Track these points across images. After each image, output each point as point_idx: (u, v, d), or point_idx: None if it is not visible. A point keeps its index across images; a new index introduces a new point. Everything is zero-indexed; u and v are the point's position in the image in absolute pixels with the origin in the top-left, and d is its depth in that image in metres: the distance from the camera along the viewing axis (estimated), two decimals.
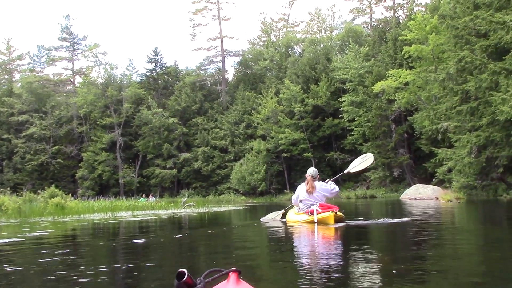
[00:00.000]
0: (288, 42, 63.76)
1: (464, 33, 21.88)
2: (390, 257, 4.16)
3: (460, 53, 20.56)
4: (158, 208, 19.01)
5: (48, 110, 64.83)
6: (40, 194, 16.27)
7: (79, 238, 7.10)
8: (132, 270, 3.67)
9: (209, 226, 9.52)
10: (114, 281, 3.40)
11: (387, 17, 58.07)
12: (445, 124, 23.41)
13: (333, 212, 7.60)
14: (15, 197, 15.74)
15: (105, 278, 3.40)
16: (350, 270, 3.52)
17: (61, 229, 9.05)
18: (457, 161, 22.00)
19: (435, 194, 27.71)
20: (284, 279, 3.31)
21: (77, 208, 15.55)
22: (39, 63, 74.83)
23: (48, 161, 61.59)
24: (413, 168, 42.55)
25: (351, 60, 46.79)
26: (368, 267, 3.53)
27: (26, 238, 6.77)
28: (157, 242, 5.95)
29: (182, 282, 1.90)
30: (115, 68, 66.01)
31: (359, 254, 4.32)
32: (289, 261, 4.14)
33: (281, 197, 47.28)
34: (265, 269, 3.85)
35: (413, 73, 33.36)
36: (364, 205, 19.54)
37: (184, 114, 62.44)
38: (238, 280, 2.01)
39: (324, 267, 3.64)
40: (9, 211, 13.54)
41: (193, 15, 68.18)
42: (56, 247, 5.57)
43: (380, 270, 3.46)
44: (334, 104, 48.58)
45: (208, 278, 1.99)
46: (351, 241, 5.72)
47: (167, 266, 3.91)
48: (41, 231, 8.16)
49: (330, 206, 7.97)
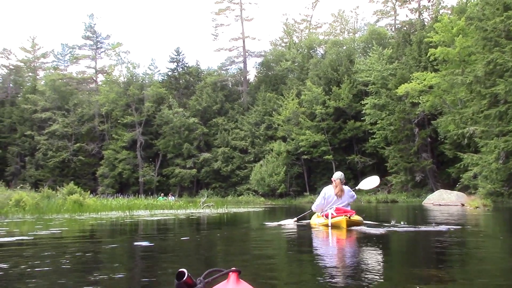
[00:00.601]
0: (311, 44, 63.25)
1: (493, 35, 21.27)
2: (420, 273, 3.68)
3: (489, 56, 19.94)
4: (176, 208, 18.80)
5: (70, 107, 65.47)
6: (59, 191, 16.18)
7: (83, 240, 6.66)
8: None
9: (226, 227, 9.20)
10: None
11: (411, 19, 57.25)
12: (472, 129, 22.78)
13: (347, 216, 7.60)
14: (33, 193, 15.68)
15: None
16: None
17: (74, 227, 8.83)
18: (483, 167, 21.36)
19: (460, 200, 27.04)
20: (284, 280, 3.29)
21: (95, 205, 15.40)
22: (63, 61, 75.92)
23: (69, 158, 62.12)
24: (436, 173, 41.77)
25: (374, 62, 46.11)
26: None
27: (36, 236, 6.51)
28: (159, 245, 5.57)
29: (182, 282, 1.90)
30: (137, 67, 66.45)
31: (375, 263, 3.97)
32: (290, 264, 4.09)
33: (301, 200, 46.81)
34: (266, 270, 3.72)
35: (438, 76, 32.60)
36: (387, 209, 19.05)
37: (205, 114, 62.40)
38: (238, 280, 2.01)
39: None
40: (27, 207, 13.43)
41: (216, 15, 68.37)
42: (54, 248, 5.22)
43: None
44: (356, 106, 48.01)
45: (208, 278, 1.99)
46: (367, 249, 5.31)
47: (136, 278, 3.51)
48: (54, 229, 7.94)
49: (346, 211, 7.94)
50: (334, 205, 8.18)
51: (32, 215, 12.38)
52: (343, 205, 8.18)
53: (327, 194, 8.41)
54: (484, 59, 20.26)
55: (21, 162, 65.18)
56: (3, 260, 4.15)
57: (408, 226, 8.11)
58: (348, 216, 7.62)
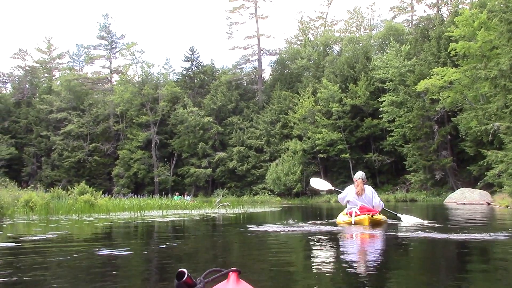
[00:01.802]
0: (326, 41, 62.43)
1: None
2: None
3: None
4: (190, 208, 18.29)
5: (85, 108, 65.48)
6: (70, 191, 15.75)
7: (71, 246, 5.93)
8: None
9: (242, 227, 8.58)
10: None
11: (429, 14, 56.17)
12: (496, 124, 21.87)
13: (369, 215, 7.93)
14: (42, 193, 15.25)
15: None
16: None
17: (75, 230, 8.29)
18: (509, 164, 20.45)
19: (483, 199, 26.19)
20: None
21: (107, 206, 14.93)
22: (78, 62, 76.16)
23: (85, 159, 62.08)
24: (456, 171, 40.89)
25: (392, 58, 45.18)
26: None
27: (25, 242, 5.96)
28: (123, 256, 4.77)
29: (182, 282, 1.88)
30: (152, 67, 66.25)
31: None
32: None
33: (317, 199, 46.23)
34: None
35: (459, 72, 31.62)
36: (411, 208, 18.32)
37: (220, 113, 61.99)
38: (238, 280, 2.00)
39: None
40: (36, 208, 12.99)
41: (230, 13, 67.85)
42: (30, 258, 4.62)
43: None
44: (373, 104, 47.16)
45: (208, 278, 1.98)
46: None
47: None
48: (53, 232, 7.39)
49: (370, 210, 8.32)
50: (357, 204, 8.52)
51: (40, 216, 11.94)
52: (363, 204, 8.54)
53: (348, 193, 8.88)
54: (509, 52, 19.40)
55: (37, 163, 65.39)
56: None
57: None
58: (371, 215, 7.96)
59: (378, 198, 8.92)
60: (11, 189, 17.16)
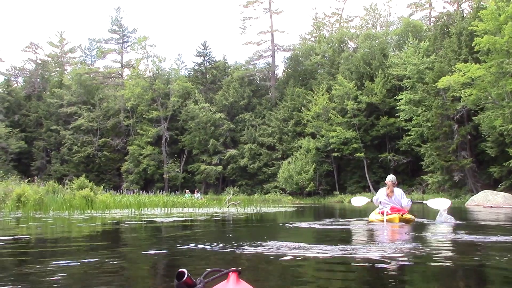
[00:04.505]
0: (342, 37, 61.02)
1: None
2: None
3: None
4: (198, 206, 17.13)
5: (96, 102, 64.87)
6: (68, 185, 14.64)
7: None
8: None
9: (253, 232, 7.40)
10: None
11: (449, 10, 54.62)
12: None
13: (399, 214, 8.81)
14: (37, 186, 14.12)
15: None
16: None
17: (48, 231, 7.08)
18: None
19: (507, 202, 24.84)
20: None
21: (107, 202, 13.80)
22: (90, 56, 75.84)
23: (94, 153, 61.46)
24: (475, 172, 39.29)
25: (410, 55, 43.72)
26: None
27: None
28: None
29: (182, 282, 1.87)
30: (163, 61, 65.41)
31: None
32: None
33: (330, 199, 45.10)
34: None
35: (483, 68, 30.11)
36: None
37: (232, 109, 60.93)
38: (238, 280, 1.99)
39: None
40: (29, 203, 11.89)
41: (244, 8, 66.79)
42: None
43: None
44: (389, 102, 45.76)
45: (208, 278, 1.98)
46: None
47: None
48: (22, 235, 6.18)
49: (400, 210, 9.11)
50: (388, 204, 9.31)
51: (27, 212, 10.80)
52: (393, 204, 9.26)
53: (380, 195, 9.65)
54: None
55: (47, 157, 64.95)
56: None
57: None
58: (401, 214, 8.83)
59: (406, 199, 9.52)
60: (10, 182, 16.13)
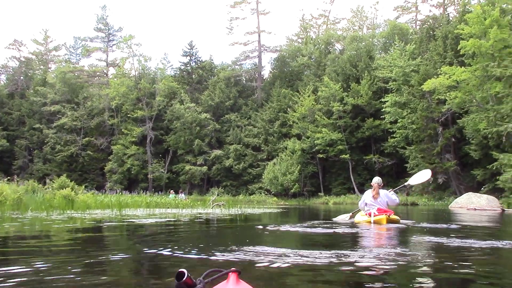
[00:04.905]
0: (328, 39, 61.16)
1: None
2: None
3: None
4: (182, 207, 16.88)
5: (80, 101, 64.13)
6: (48, 184, 14.31)
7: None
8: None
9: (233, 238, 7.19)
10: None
11: (435, 14, 55.03)
12: (511, 126, 20.50)
13: (386, 215, 8.89)
14: (16, 185, 13.76)
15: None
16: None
17: (10, 230, 6.78)
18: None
19: (490, 204, 24.95)
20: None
21: (88, 202, 13.49)
22: (75, 55, 74.99)
23: (77, 153, 60.67)
24: (459, 175, 39.51)
25: (396, 58, 43.97)
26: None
27: None
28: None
29: (182, 282, 1.87)
30: (149, 60, 64.79)
31: None
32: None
33: (315, 200, 44.99)
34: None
35: (468, 71, 30.30)
36: (420, 214, 17.00)
37: (217, 110, 60.62)
38: (238, 280, 1.99)
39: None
40: (7, 203, 11.55)
41: (231, 8, 66.62)
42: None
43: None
44: (375, 104, 45.91)
45: (208, 279, 1.97)
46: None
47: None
48: None
49: (386, 211, 9.24)
50: (373, 206, 9.42)
51: (7, 212, 10.47)
52: (380, 206, 9.37)
53: (366, 197, 9.80)
54: None
55: (29, 156, 64.01)
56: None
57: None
58: (388, 215, 8.92)
59: (392, 197, 9.70)
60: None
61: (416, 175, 11.79)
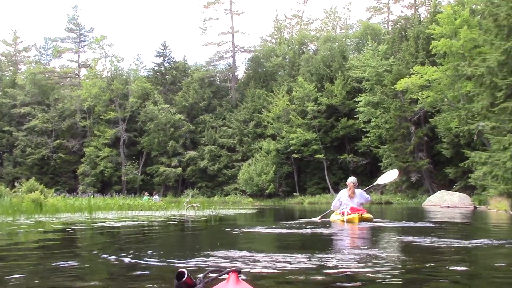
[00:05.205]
0: (302, 39, 61.38)
1: (506, 22, 19.36)
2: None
3: (506, 44, 17.99)
4: (156, 209, 16.63)
5: (51, 102, 62.81)
6: (17, 187, 13.89)
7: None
8: None
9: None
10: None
11: (407, 15, 55.77)
12: (481, 124, 20.81)
13: (359, 214, 9.02)
14: None
15: None
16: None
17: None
18: (494, 166, 19.38)
19: (462, 202, 25.33)
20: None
21: (58, 206, 13.13)
22: (45, 56, 73.45)
23: (49, 156, 59.40)
24: (432, 173, 40.06)
25: (369, 58, 44.44)
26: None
27: None
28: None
29: (182, 282, 1.87)
30: (122, 61, 63.96)
31: None
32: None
33: (290, 200, 45.08)
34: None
35: (440, 71, 30.74)
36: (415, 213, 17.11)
37: (192, 110, 60.21)
38: (238, 280, 1.98)
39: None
40: None
41: (204, 8, 66.19)
42: None
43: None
44: (349, 104, 46.27)
45: (208, 278, 1.97)
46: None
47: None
48: None
49: (359, 210, 9.37)
50: (348, 205, 9.51)
51: None
52: (355, 205, 9.51)
53: (342, 196, 9.92)
54: (501, 47, 18.34)
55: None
56: None
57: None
58: (360, 214, 9.05)
59: (365, 196, 9.99)
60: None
61: (384, 175, 12.01)
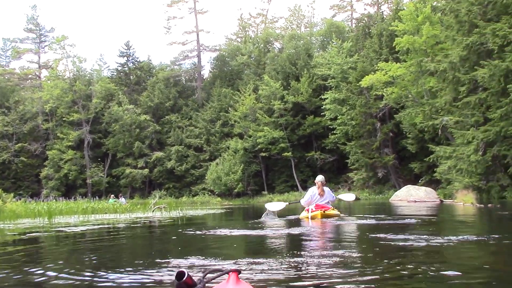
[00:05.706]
0: (267, 38, 61.37)
1: (467, 18, 19.66)
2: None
3: (467, 39, 18.24)
4: (121, 212, 16.20)
5: (11, 105, 61.05)
6: None
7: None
8: None
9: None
10: None
11: (370, 12, 56.43)
12: (445, 119, 21.09)
13: (322, 211, 9.40)
14: None
15: None
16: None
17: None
18: (458, 160, 19.68)
19: (428, 196, 25.65)
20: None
21: (17, 211, 12.61)
22: (4, 57, 71.55)
23: (10, 159, 57.67)
24: (397, 168, 40.61)
25: (334, 55, 44.78)
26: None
27: None
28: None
29: (182, 282, 1.87)
30: (84, 61, 62.63)
31: None
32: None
33: (259, 199, 44.98)
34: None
35: (404, 67, 31.14)
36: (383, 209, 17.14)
37: (157, 111, 59.48)
38: (238, 280, 1.97)
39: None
40: None
41: (168, 7, 65.62)
42: None
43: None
44: (315, 101, 46.46)
45: (208, 279, 1.97)
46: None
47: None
48: None
49: (323, 206, 9.70)
50: (318, 202, 9.85)
51: None
52: (324, 202, 9.90)
53: (313, 193, 10.09)
54: (462, 42, 18.59)
55: None
56: None
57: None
58: (323, 211, 9.41)
59: (332, 194, 10.36)
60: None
61: (345, 194, 13.11)
